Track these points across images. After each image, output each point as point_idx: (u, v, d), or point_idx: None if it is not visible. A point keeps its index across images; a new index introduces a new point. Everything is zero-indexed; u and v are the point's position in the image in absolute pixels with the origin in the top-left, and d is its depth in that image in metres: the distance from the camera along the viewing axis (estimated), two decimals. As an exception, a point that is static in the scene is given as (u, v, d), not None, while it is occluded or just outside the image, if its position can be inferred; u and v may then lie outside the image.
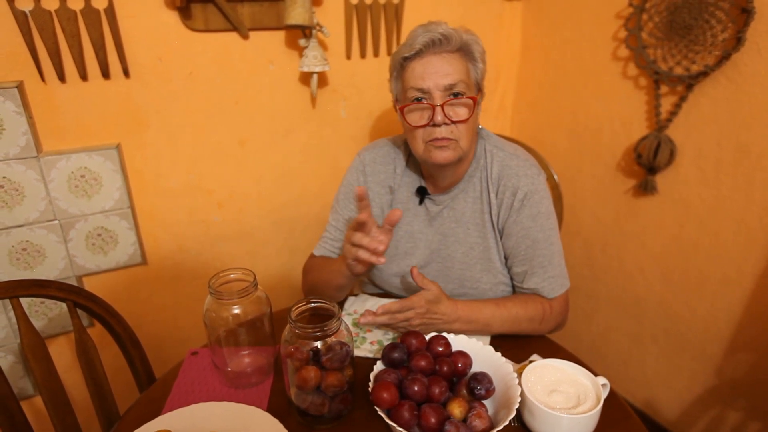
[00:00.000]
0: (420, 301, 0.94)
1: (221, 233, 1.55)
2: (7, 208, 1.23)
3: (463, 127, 0.98)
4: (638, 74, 1.48)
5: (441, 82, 0.95)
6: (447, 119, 0.96)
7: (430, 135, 0.98)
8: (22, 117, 1.18)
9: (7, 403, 0.94)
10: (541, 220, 1.03)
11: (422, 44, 0.94)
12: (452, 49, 0.96)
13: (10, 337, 1.33)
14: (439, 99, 0.95)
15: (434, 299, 0.95)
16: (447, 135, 0.97)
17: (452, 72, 0.95)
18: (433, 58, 0.95)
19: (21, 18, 1.11)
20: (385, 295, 1.21)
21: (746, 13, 1.19)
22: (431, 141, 0.98)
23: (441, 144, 0.98)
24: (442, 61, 0.95)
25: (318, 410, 0.81)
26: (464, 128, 0.98)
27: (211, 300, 0.88)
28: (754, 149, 1.27)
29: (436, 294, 0.95)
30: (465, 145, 1.00)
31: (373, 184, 1.13)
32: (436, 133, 0.97)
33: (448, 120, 0.96)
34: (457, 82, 0.95)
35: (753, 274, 1.33)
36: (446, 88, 0.95)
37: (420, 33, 0.96)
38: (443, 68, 0.95)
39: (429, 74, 0.95)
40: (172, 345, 1.57)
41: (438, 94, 0.95)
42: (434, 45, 0.95)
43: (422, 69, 0.96)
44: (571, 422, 0.75)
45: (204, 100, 1.39)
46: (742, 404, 1.42)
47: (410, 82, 0.98)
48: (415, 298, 0.94)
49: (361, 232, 0.95)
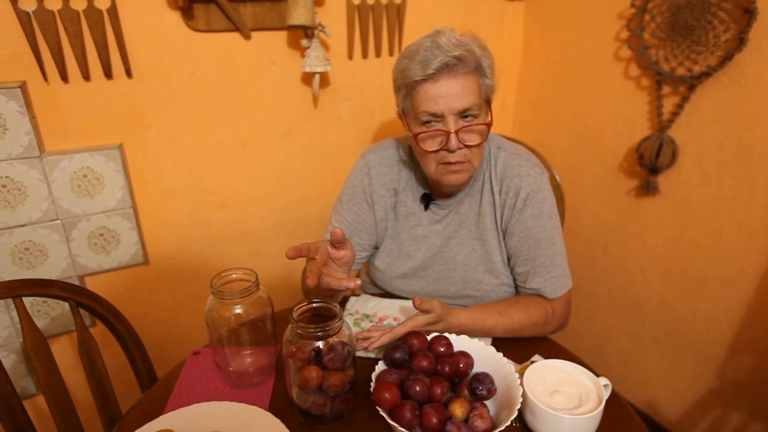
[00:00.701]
0: (420, 322, 0.94)
1: (223, 233, 1.55)
2: (10, 208, 1.24)
3: (476, 149, 0.97)
4: (640, 75, 1.48)
5: (455, 107, 0.92)
6: (461, 144, 0.94)
7: (443, 158, 0.97)
8: (25, 117, 1.18)
9: (9, 403, 0.94)
10: (543, 220, 1.03)
11: (436, 69, 0.90)
12: (467, 71, 0.92)
13: (13, 336, 1.33)
14: (453, 124, 0.93)
15: (435, 320, 0.95)
16: (460, 159, 0.96)
17: (466, 95, 0.92)
18: (447, 81, 0.91)
19: (24, 18, 1.12)
20: (387, 295, 1.21)
21: (749, 13, 1.19)
22: (444, 164, 0.97)
23: (455, 168, 0.97)
24: (456, 83, 0.92)
25: (320, 410, 0.81)
26: (477, 150, 0.97)
27: (213, 300, 0.88)
28: (756, 150, 1.27)
29: (437, 315, 0.94)
30: (477, 163, 0.99)
31: (377, 186, 1.13)
32: (449, 157, 0.95)
33: (462, 145, 0.94)
34: (471, 106, 0.93)
35: (754, 274, 1.33)
36: (460, 112, 0.93)
37: (429, 50, 0.91)
38: (457, 92, 0.92)
39: (443, 98, 0.92)
40: (173, 345, 1.58)
41: (452, 119, 0.93)
42: (448, 68, 0.91)
43: (435, 92, 0.92)
44: (572, 423, 0.75)
45: (206, 101, 1.39)
46: (744, 405, 1.42)
47: (422, 106, 0.94)
48: (419, 321, 0.94)
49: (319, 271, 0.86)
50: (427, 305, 0.93)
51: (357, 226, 1.13)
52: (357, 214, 1.13)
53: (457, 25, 1.71)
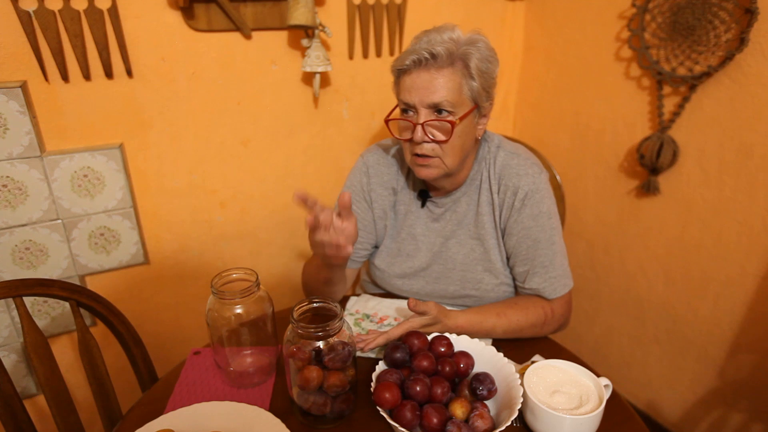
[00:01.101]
0: (416, 324, 0.95)
1: (224, 233, 1.55)
2: (11, 208, 1.24)
3: (447, 147, 0.97)
4: (641, 75, 1.48)
5: (425, 100, 0.94)
6: (426, 137, 0.96)
7: (413, 149, 0.99)
8: (25, 117, 1.18)
9: (10, 402, 0.94)
10: (542, 220, 1.03)
11: (411, 61, 0.93)
12: (441, 66, 0.93)
13: (13, 336, 1.33)
14: (422, 116, 0.95)
15: (431, 322, 0.96)
16: (428, 152, 0.97)
17: (438, 89, 0.93)
18: (420, 74, 0.94)
19: (25, 18, 1.12)
20: (388, 295, 1.21)
21: (750, 13, 1.19)
22: (415, 156, 0.99)
23: (423, 162, 0.99)
24: (428, 77, 0.93)
25: (320, 410, 0.81)
26: (449, 148, 0.97)
27: (213, 300, 0.88)
28: (757, 150, 1.26)
29: (433, 317, 0.95)
30: (450, 162, 0.99)
31: (376, 185, 1.13)
32: (417, 149, 0.98)
33: (428, 138, 0.96)
34: (442, 101, 0.93)
35: (756, 275, 1.33)
36: (431, 106, 0.94)
37: (419, 42, 0.95)
38: (428, 86, 0.93)
39: (415, 89, 0.95)
40: (174, 344, 1.58)
41: (423, 111, 0.95)
42: (420, 63, 0.93)
43: (410, 83, 0.95)
44: (573, 423, 0.75)
45: (207, 100, 1.39)
46: (745, 406, 1.41)
47: (400, 94, 0.99)
48: (415, 323, 0.95)
49: (318, 229, 0.88)
50: (422, 307, 0.93)
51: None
52: (355, 213, 1.14)
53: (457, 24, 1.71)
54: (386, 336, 0.93)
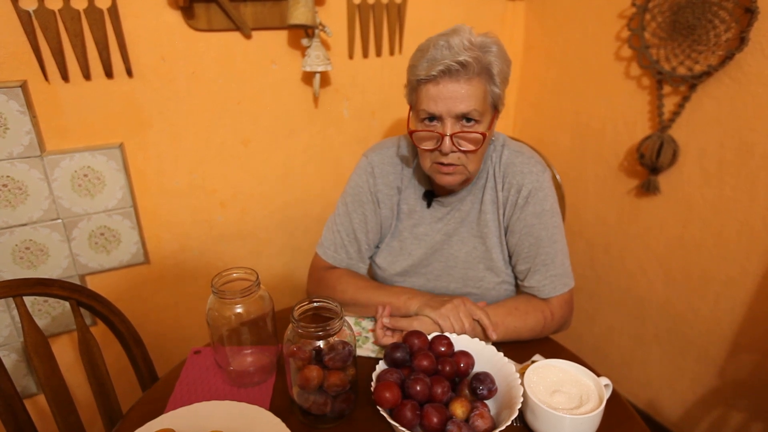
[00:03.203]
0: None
1: (224, 233, 1.55)
2: (11, 207, 1.24)
3: (472, 154, 0.96)
4: (641, 74, 1.48)
5: (453, 110, 0.92)
6: (455, 147, 0.94)
7: (437, 157, 0.97)
8: (25, 116, 1.18)
9: (11, 402, 0.94)
10: (545, 218, 1.03)
11: (438, 71, 0.90)
12: (471, 76, 0.91)
13: (14, 335, 1.33)
14: (449, 127, 0.93)
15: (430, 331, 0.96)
16: (454, 161, 0.96)
17: (467, 98, 0.91)
18: (448, 84, 0.91)
19: (25, 17, 1.12)
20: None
21: (750, 12, 1.19)
22: (438, 164, 0.98)
23: (447, 171, 0.98)
24: (458, 87, 0.91)
25: (320, 409, 0.81)
26: (473, 156, 0.97)
27: (213, 299, 0.88)
28: (758, 149, 1.26)
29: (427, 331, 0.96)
30: (473, 168, 0.99)
31: (382, 185, 1.13)
32: (442, 158, 0.96)
33: (456, 148, 0.95)
34: (470, 110, 0.92)
35: (756, 274, 1.33)
36: (459, 115, 0.93)
37: (439, 49, 0.91)
38: (458, 95, 0.91)
39: (443, 99, 0.92)
40: (174, 344, 1.58)
41: (450, 121, 0.93)
42: (451, 73, 0.90)
43: (436, 93, 0.92)
44: (573, 422, 0.75)
45: (207, 100, 1.39)
46: (745, 405, 1.42)
47: (423, 104, 0.95)
48: (416, 324, 0.97)
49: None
50: (404, 323, 0.98)
51: (365, 226, 1.13)
52: (364, 214, 1.13)
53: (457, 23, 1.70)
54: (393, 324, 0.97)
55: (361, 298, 1.07)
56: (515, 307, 1.04)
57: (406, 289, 1.07)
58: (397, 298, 1.03)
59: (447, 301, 0.98)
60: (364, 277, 1.16)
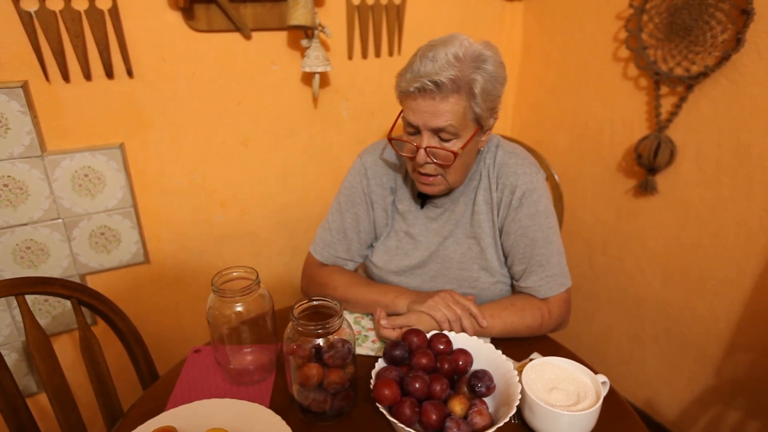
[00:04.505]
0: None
1: (224, 233, 1.56)
2: (12, 207, 1.24)
3: (450, 168, 0.98)
4: (638, 75, 1.49)
5: (429, 124, 0.93)
6: (430, 159, 0.96)
7: (416, 166, 0.99)
8: (26, 116, 1.19)
9: (12, 400, 0.95)
10: (539, 219, 1.04)
11: (415, 88, 0.91)
12: (446, 95, 0.90)
13: (14, 335, 1.33)
14: (425, 139, 0.95)
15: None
16: (431, 172, 0.98)
17: (442, 114, 0.92)
18: (423, 101, 0.92)
19: (26, 18, 1.12)
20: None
21: (746, 14, 1.20)
22: (416, 173, 1.00)
23: (425, 180, 1.00)
24: (432, 104, 0.91)
25: (320, 407, 0.82)
26: (451, 169, 0.98)
27: (214, 298, 0.89)
28: (754, 150, 1.27)
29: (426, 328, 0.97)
30: (452, 179, 1.00)
31: (375, 186, 1.14)
32: (419, 168, 0.98)
33: (431, 160, 0.96)
34: (445, 126, 0.92)
35: (753, 274, 1.33)
36: (434, 129, 0.94)
37: (422, 63, 0.91)
38: (431, 111, 0.92)
39: (420, 113, 0.93)
40: (174, 343, 1.58)
41: (426, 134, 0.95)
42: (425, 92, 0.91)
43: (415, 105, 0.94)
44: (571, 419, 0.76)
45: (207, 101, 1.40)
46: (742, 404, 1.42)
47: (405, 113, 0.97)
48: (413, 318, 0.99)
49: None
50: (402, 321, 1.00)
51: (356, 226, 1.15)
52: (356, 215, 1.14)
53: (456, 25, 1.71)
54: (392, 323, 0.99)
55: (351, 295, 1.10)
56: (511, 304, 1.05)
57: (394, 287, 1.10)
58: (384, 297, 1.06)
59: (433, 294, 1.02)
60: (355, 274, 1.18)
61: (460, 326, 0.98)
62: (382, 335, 0.99)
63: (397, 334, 0.97)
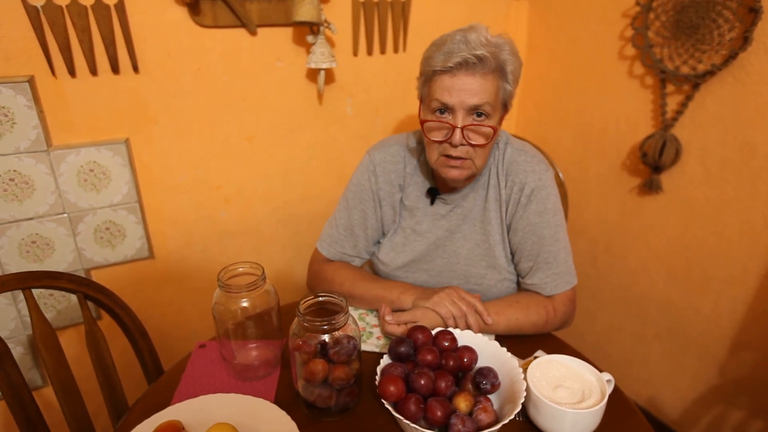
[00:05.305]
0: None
1: (228, 229, 1.56)
2: (18, 201, 1.24)
3: (480, 149, 0.97)
4: (644, 73, 1.49)
5: (467, 102, 0.93)
6: (465, 140, 0.95)
7: (445, 150, 0.98)
8: (32, 111, 1.19)
9: (19, 393, 0.95)
10: (547, 217, 1.04)
11: (455, 63, 0.91)
12: (486, 71, 0.92)
13: (19, 328, 1.34)
14: (461, 119, 0.94)
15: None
16: (462, 155, 0.97)
17: (480, 92, 0.92)
18: (464, 77, 0.92)
19: (33, 13, 1.12)
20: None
21: (754, 12, 1.19)
22: (446, 157, 0.99)
23: (455, 164, 0.99)
24: (473, 81, 0.92)
25: (325, 403, 0.82)
26: (481, 150, 0.98)
27: (219, 293, 0.89)
28: (760, 149, 1.27)
29: (431, 324, 0.97)
30: (479, 163, 1.00)
31: (383, 183, 1.13)
32: (451, 150, 0.97)
33: (466, 142, 0.96)
34: (483, 104, 0.93)
35: (757, 273, 1.33)
36: (471, 108, 0.94)
37: (456, 43, 0.92)
38: (472, 88, 0.92)
39: (456, 91, 0.93)
40: (178, 338, 1.59)
41: (461, 114, 0.94)
42: (468, 65, 0.91)
43: (451, 84, 0.93)
44: (575, 417, 0.76)
45: (212, 96, 1.40)
46: (745, 403, 1.42)
47: (436, 93, 0.96)
48: (419, 314, 0.99)
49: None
50: (407, 316, 0.99)
51: (364, 223, 1.15)
52: (363, 212, 1.14)
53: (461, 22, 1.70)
54: (397, 320, 0.99)
55: (356, 290, 1.10)
56: (516, 301, 1.05)
57: (400, 283, 1.10)
58: (390, 293, 1.06)
59: (439, 290, 1.01)
60: (361, 270, 1.18)
61: (465, 323, 0.98)
62: (387, 331, 0.99)
63: (402, 330, 0.97)
